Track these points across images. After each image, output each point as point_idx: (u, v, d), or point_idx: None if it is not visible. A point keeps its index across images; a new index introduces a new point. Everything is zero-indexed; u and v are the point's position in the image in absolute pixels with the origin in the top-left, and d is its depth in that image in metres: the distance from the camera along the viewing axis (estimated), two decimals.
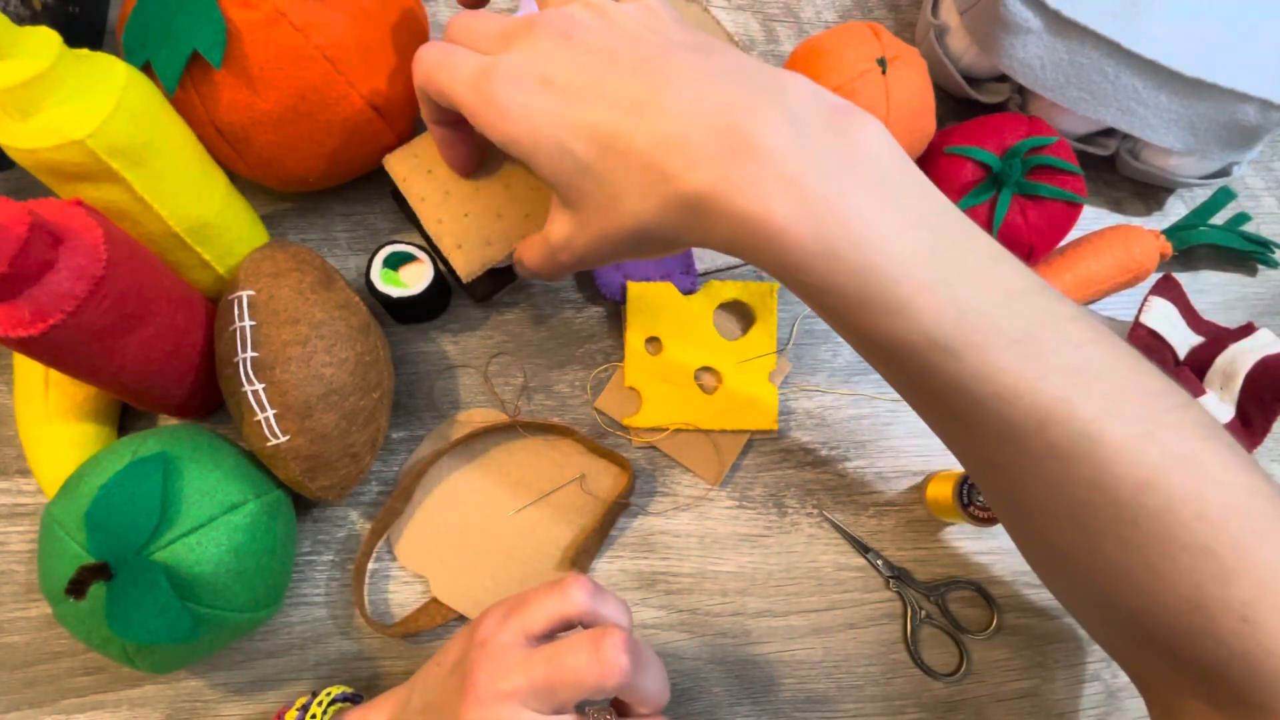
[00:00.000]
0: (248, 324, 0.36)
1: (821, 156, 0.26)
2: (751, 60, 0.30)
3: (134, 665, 0.34)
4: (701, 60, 0.29)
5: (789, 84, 0.28)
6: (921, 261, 0.25)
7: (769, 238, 0.26)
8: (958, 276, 0.26)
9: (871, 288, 0.25)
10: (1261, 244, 0.51)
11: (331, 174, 0.42)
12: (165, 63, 0.36)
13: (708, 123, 0.27)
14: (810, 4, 0.55)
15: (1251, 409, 0.43)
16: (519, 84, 0.29)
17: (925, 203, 0.27)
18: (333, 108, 0.38)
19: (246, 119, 0.38)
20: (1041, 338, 0.25)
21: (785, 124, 0.26)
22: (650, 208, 0.28)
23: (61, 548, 0.32)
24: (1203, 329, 0.47)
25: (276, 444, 0.35)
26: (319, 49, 0.37)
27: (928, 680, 0.43)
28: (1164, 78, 0.45)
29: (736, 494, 0.45)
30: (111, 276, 0.31)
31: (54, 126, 0.31)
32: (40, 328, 0.29)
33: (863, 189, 0.26)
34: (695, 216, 0.27)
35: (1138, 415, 0.25)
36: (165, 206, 0.35)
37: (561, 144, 0.29)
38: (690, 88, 0.28)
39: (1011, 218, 0.45)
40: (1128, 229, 0.49)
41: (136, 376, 0.35)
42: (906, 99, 0.43)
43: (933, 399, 0.28)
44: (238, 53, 0.36)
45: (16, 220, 0.28)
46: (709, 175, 0.26)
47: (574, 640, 0.29)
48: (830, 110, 0.27)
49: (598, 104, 0.28)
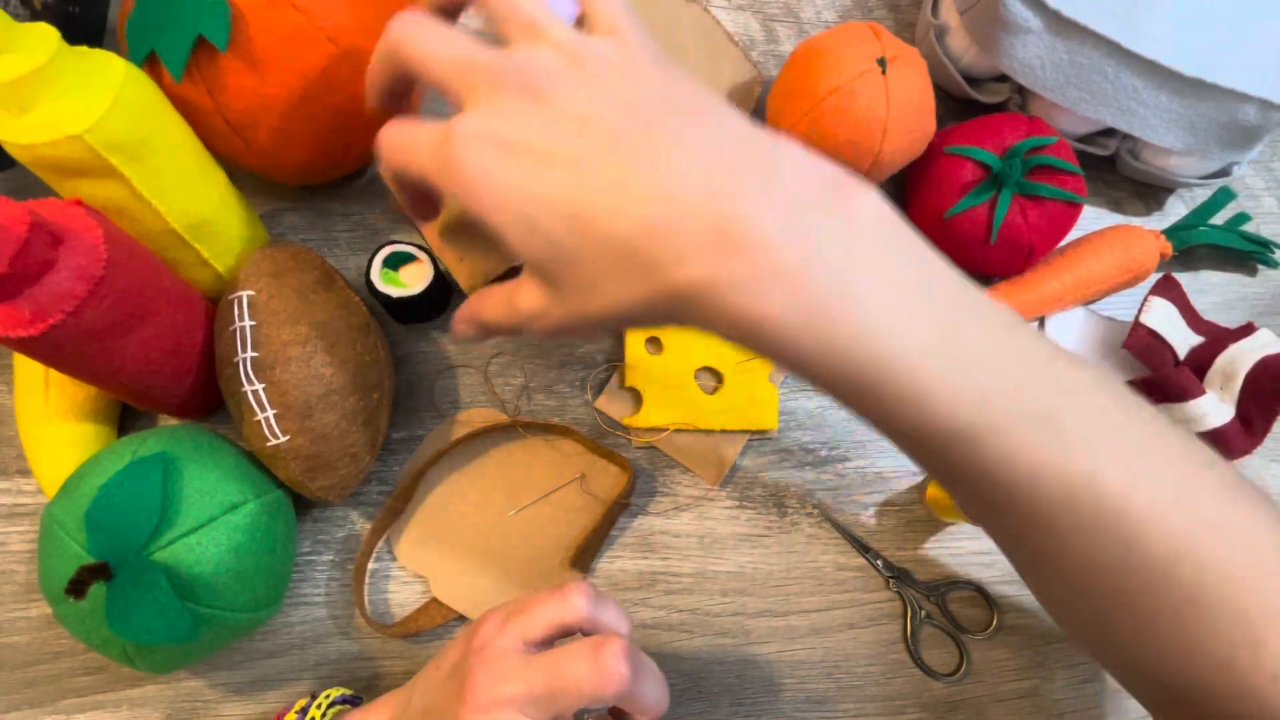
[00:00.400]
0: (248, 324, 0.36)
1: (820, 245, 0.24)
2: (741, 122, 0.27)
3: (134, 665, 0.34)
4: (687, 127, 0.26)
5: (784, 160, 0.26)
6: (934, 349, 0.24)
7: (768, 334, 0.24)
8: (974, 360, 0.24)
9: (883, 380, 0.24)
10: (1261, 244, 0.51)
11: (341, 162, 0.42)
12: (170, 49, 0.35)
13: (696, 209, 0.24)
14: (810, 4, 0.55)
15: (1252, 409, 0.43)
16: (481, 148, 0.26)
17: (933, 278, 0.26)
18: (339, 91, 0.38)
19: (253, 104, 0.37)
20: (1064, 412, 0.25)
21: (780, 211, 0.24)
22: (634, 296, 0.26)
23: (61, 548, 0.32)
24: (1203, 329, 0.47)
25: (276, 444, 0.35)
26: (322, 31, 0.37)
27: (928, 680, 0.43)
28: (1164, 78, 0.45)
29: (736, 494, 0.45)
30: (111, 276, 0.31)
31: (52, 121, 0.31)
32: (40, 328, 0.29)
33: (865, 274, 0.24)
34: (686, 308, 0.25)
35: (1163, 481, 0.25)
36: (164, 203, 0.35)
37: (531, 220, 0.26)
38: (676, 163, 0.25)
39: (1011, 217, 0.45)
40: (1127, 229, 0.49)
41: (136, 376, 0.35)
42: (906, 99, 0.43)
43: (954, 482, 0.27)
44: (242, 37, 0.36)
45: (16, 220, 0.28)
46: (699, 269, 0.24)
47: (574, 648, 0.29)
48: (827, 187, 0.25)
49: (572, 177, 0.25)
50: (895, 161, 0.45)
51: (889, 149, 0.44)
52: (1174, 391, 0.44)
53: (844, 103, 0.42)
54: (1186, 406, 0.43)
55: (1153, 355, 0.45)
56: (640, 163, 0.25)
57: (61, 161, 0.32)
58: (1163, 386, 0.44)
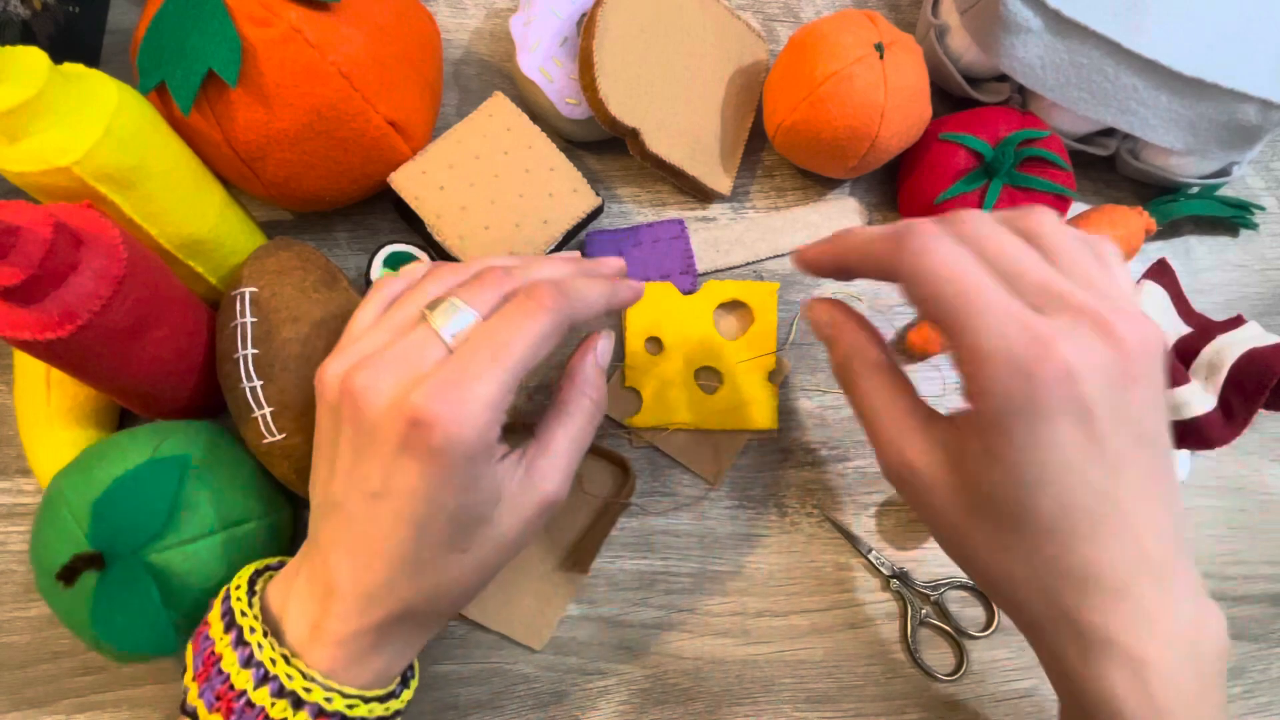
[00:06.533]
0: (249, 320, 0.36)
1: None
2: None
3: (99, 650, 0.34)
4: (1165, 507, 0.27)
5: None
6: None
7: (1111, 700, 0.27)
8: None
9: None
10: (1241, 206, 0.51)
11: (350, 192, 0.42)
12: (180, 83, 0.35)
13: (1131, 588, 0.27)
14: (810, 4, 0.55)
15: (1234, 400, 0.43)
16: (1064, 414, 0.26)
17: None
18: (350, 125, 0.38)
19: (263, 138, 0.37)
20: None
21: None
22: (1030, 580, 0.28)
23: (62, 526, 0.32)
24: (1193, 320, 0.47)
25: (272, 442, 0.35)
26: (335, 65, 0.36)
27: (928, 680, 0.43)
28: (1164, 78, 0.45)
29: (736, 494, 0.45)
30: (130, 276, 0.31)
31: (40, 152, 0.31)
32: (69, 329, 0.29)
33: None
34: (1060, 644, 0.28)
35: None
36: (155, 226, 0.35)
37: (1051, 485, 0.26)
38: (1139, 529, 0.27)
39: (1000, 207, 0.45)
40: (1112, 209, 0.48)
41: (149, 379, 0.35)
42: (904, 84, 0.43)
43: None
44: (253, 71, 0.36)
45: (41, 222, 0.28)
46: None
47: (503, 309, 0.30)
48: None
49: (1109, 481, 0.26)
50: (891, 147, 0.45)
51: (886, 134, 0.44)
52: None
53: (842, 87, 0.42)
54: (1169, 394, 0.43)
55: None
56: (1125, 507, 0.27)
57: (51, 189, 0.32)
58: None
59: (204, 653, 0.30)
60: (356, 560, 0.29)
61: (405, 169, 0.42)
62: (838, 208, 0.50)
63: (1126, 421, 0.26)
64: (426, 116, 0.42)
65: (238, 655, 0.29)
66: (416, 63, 0.41)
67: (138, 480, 0.33)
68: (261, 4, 0.35)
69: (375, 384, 0.28)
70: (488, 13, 0.51)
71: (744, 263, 0.48)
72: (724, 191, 0.48)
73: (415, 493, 0.28)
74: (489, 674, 0.41)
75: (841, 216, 0.50)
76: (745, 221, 0.49)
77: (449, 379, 0.28)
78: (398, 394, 0.28)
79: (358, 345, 0.30)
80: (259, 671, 0.28)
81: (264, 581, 0.33)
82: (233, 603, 0.30)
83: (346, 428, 0.29)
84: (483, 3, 0.52)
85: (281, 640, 0.30)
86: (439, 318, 0.29)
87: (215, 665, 0.29)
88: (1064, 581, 0.27)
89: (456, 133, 0.43)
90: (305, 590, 0.30)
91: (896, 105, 0.43)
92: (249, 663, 0.28)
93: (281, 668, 0.28)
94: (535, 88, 0.45)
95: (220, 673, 0.29)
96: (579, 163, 0.48)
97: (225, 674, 0.29)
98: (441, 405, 0.27)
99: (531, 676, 0.41)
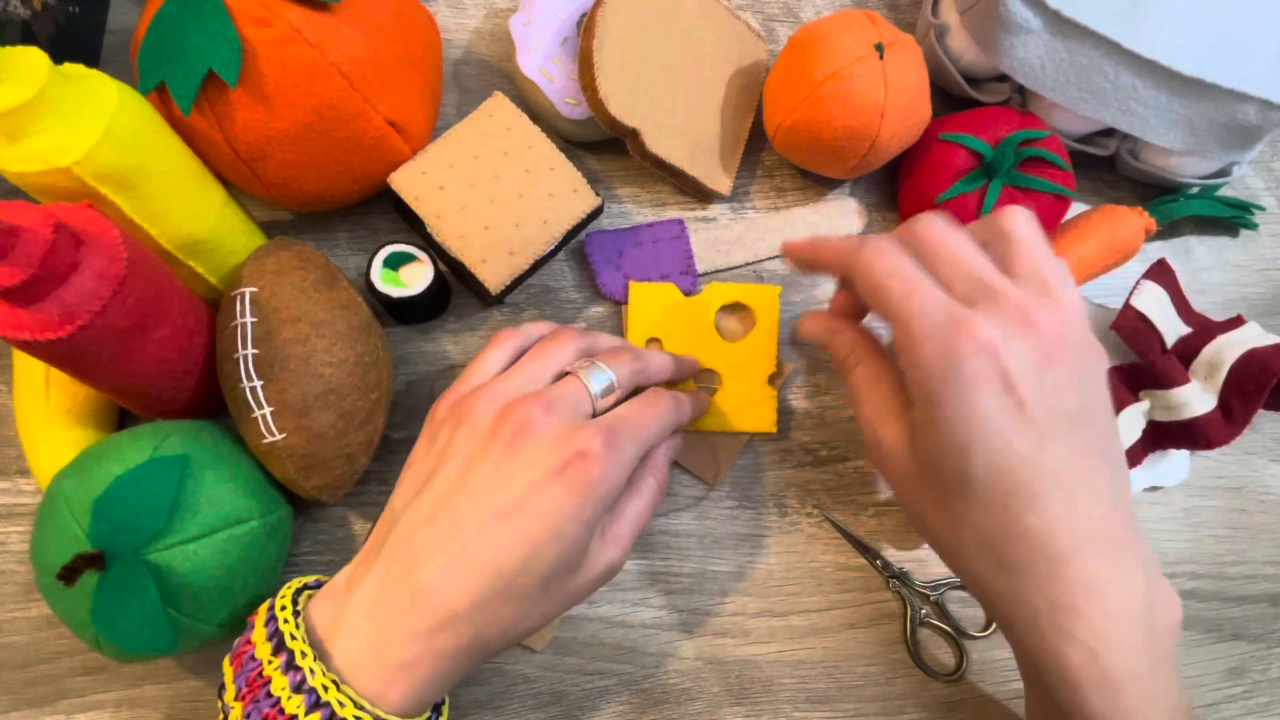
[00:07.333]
0: (249, 320, 0.36)
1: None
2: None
3: (100, 649, 0.34)
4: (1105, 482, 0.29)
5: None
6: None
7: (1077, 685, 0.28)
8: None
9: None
10: (1241, 206, 0.51)
11: (350, 192, 0.42)
12: (180, 83, 0.35)
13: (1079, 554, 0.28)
14: (810, 4, 0.55)
15: (1234, 400, 0.43)
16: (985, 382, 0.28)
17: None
18: (350, 125, 0.38)
19: (263, 138, 0.37)
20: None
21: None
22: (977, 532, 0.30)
23: (62, 525, 0.32)
24: (1193, 321, 0.47)
25: (272, 441, 0.35)
26: (335, 65, 0.36)
27: (928, 680, 0.43)
28: (1164, 78, 0.45)
29: (736, 494, 0.45)
30: (131, 276, 0.31)
31: (40, 152, 0.31)
32: (69, 329, 0.29)
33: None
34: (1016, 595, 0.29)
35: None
36: (155, 226, 0.35)
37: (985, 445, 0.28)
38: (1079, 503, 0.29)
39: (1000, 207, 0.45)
40: (1111, 209, 0.48)
41: (150, 379, 0.35)
42: (904, 84, 0.43)
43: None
44: (253, 71, 0.36)
45: (41, 222, 0.28)
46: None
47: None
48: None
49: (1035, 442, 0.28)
50: (891, 147, 0.45)
51: (886, 134, 0.44)
52: (1159, 378, 0.44)
53: (841, 88, 0.42)
54: (1169, 394, 0.43)
55: (1140, 340, 0.45)
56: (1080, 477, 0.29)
57: (51, 189, 0.32)
58: (1148, 373, 0.44)
59: (248, 674, 0.30)
60: (454, 571, 0.30)
61: (405, 169, 0.42)
62: (838, 208, 0.50)
63: (1050, 395, 0.28)
64: (426, 116, 0.42)
65: (289, 680, 0.29)
66: (416, 63, 0.41)
67: (138, 480, 0.33)
68: (261, 4, 0.35)
69: (544, 417, 0.32)
70: (488, 13, 0.51)
71: (744, 263, 0.48)
72: (724, 192, 0.48)
73: (549, 514, 0.30)
74: (489, 674, 0.41)
75: (841, 217, 0.50)
76: (745, 222, 0.49)
77: (612, 428, 0.32)
78: (564, 429, 0.32)
79: (503, 385, 0.34)
80: (311, 698, 0.28)
81: (304, 600, 0.33)
82: (280, 624, 0.31)
83: (495, 450, 0.32)
84: (483, 3, 0.52)
85: (329, 664, 0.30)
86: (587, 375, 0.35)
87: (264, 689, 0.29)
88: (1010, 549, 0.29)
89: (456, 133, 0.43)
90: (370, 604, 0.31)
91: (896, 105, 0.43)
92: (300, 688, 0.29)
93: (333, 694, 0.29)
94: (535, 88, 0.45)
95: (269, 696, 0.29)
96: (579, 163, 0.48)
97: (275, 698, 0.29)
98: (605, 448, 0.31)
99: (531, 676, 0.41)
